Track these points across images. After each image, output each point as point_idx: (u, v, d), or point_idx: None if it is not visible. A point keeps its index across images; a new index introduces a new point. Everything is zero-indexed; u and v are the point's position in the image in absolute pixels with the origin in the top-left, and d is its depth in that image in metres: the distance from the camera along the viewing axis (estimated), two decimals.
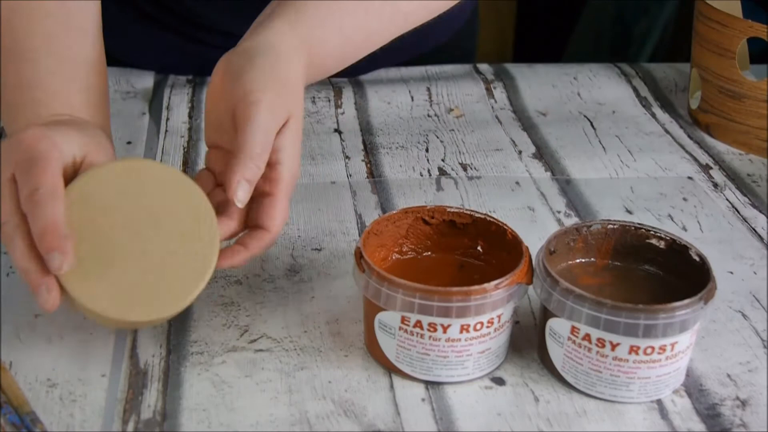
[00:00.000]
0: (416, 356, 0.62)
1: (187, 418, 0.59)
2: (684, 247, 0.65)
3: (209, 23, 1.02)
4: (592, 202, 0.85)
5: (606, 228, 0.67)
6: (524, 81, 1.09)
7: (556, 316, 0.61)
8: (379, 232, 0.66)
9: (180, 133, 0.95)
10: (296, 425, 0.59)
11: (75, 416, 0.59)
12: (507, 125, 0.99)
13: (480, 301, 0.60)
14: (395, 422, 0.59)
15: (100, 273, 0.59)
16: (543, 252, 0.63)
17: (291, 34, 0.69)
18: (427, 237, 0.68)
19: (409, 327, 0.61)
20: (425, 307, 0.60)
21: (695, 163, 0.93)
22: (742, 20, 0.94)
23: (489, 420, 0.60)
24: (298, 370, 0.63)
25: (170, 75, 1.06)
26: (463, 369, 0.62)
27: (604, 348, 0.60)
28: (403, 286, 0.60)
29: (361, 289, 0.62)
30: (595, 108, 1.04)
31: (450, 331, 0.60)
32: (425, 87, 1.05)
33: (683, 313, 0.59)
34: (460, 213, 0.68)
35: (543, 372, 0.64)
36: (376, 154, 0.92)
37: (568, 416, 0.60)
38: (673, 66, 1.15)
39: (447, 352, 0.61)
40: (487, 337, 0.62)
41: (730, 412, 0.61)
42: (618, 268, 0.67)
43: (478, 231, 0.67)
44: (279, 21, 0.69)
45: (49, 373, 0.62)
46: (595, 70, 1.12)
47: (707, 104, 0.98)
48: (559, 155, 0.93)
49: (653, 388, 0.61)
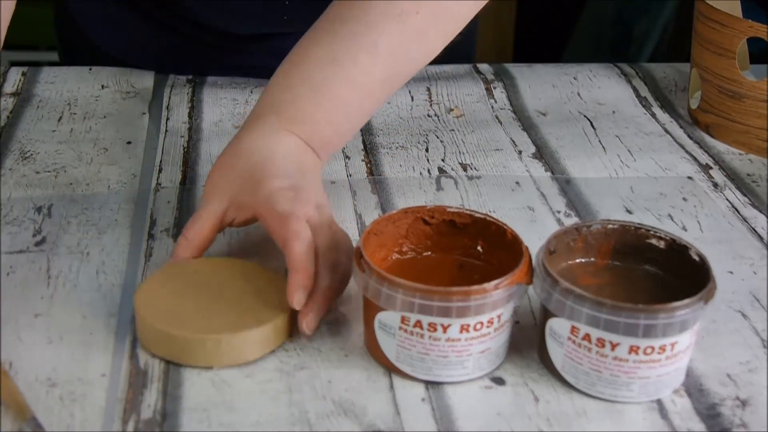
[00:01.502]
0: (416, 356, 0.62)
1: (187, 418, 0.59)
2: (684, 247, 0.65)
3: (209, 23, 1.02)
4: (592, 202, 0.85)
5: (606, 228, 0.67)
6: (524, 81, 1.09)
7: (556, 316, 0.61)
8: (379, 232, 0.66)
9: (180, 133, 0.95)
10: (296, 425, 0.59)
11: (75, 416, 0.59)
12: (507, 125, 0.99)
13: (480, 301, 0.60)
14: (395, 422, 0.59)
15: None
16: (543, 252, 0.63)
17: (298, 141, 0.73)
18: (427, 237, 0.68)
19: (409, 327, 0.61)
20: (425, 307, 0.60)
21: (695, 163, 0.93)
22: (742, 20, 0.94)
23: (489, 420, 0.60)
24: (298, 370, 0.63)
25: (170, 75, 1.06)
26: (463, 369, 0.62)
27: (604, 348, 0.60)
28: (403, 286, 0.60)
29: (360, 289, 0.62)
30: (595, 108, 1.04)
31: (450, 331, 0.60)
32: (425, 87, 1.05)
33: (683, 313, 0.59)
34: (460, 213, 0.68)
35: (543, 372, 0.64)
36: (376, 154, 0.92)
37: (568, 416, 0.60)
38: (673, 66, 1.15)
39: (447, 352, 0.61)
40: (487, 337, 0.62)
41: (730, 412, 0.61)
42: (618, 268, 0.67)
43: (478, 231, 0.67)
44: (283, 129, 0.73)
45: (49, 373, 0.62)
46: (595, 70, 1.13)
47: (707, 104, 0.98)
48: (559, 155, 0.93)
49: (653, 388, 0.61)
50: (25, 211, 0.79)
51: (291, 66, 0.75)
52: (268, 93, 0.76)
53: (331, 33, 0.75)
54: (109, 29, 0.75)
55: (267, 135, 0.73)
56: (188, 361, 0.63)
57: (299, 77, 0.74)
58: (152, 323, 0.63)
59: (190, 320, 0.63)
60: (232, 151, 0.73)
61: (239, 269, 0.69)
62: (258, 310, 0.64)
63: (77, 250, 0.75)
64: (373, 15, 0.74)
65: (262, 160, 0.71)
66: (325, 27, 0.76)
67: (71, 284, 0.71)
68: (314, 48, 0.75)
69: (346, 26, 0.74)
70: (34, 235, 0.76)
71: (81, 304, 0.69)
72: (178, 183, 0.85)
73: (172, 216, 0.80)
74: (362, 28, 0.74)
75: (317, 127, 0.74)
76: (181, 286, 0.66)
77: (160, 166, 0.88)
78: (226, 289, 0.66)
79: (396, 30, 0.74)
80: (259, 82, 1.05)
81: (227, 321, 0.63)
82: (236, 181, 0.71)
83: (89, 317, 0.67)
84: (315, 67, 0.74)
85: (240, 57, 1.05)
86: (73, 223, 0.78)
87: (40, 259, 0.73)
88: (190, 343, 0.62)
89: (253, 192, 0.69)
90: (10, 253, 0.74)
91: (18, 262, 0.73)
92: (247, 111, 0.99)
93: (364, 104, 0.76)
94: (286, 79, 0.75)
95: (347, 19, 0.75)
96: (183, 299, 0.65)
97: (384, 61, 0.75)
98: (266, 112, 0.74)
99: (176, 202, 0.82)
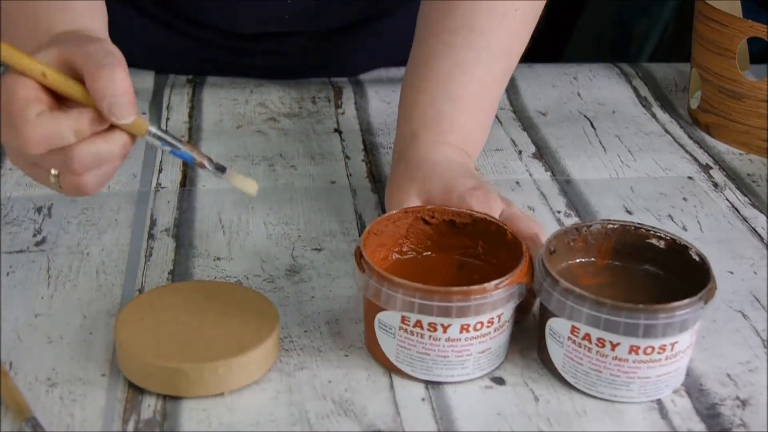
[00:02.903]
0: (416, 356, 0.62)
1: (187, 417, 0.59)
2: (684, 247, 0.65)
3: (209, 22, 1.02)
4: (592, 202, 0.85)
5: (606, 228, 0.67)
6: (524, 81, 1.09)
7: (556, 316, 0.61)
8: (379, 232, 0.66)
9: (180, 133, 0.95)
10: (296, 425, 0.59)
11: (75, 416, 0.59)
12: (507, 125, 0.99)
13: (480, 301, 0.60)
14: (395, 422, 0.59)
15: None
16: (543, 252, 0.63)
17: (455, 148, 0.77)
18: (427, 237, 0.68)
19: (409, 327, 0.61)
20: (425, 306, 0.59)
21: (695, 163, 0.93)
22: (742, 20, 0.94)
23: (489, 420, 0.60)
24: (298, 370, 0.63)
25: (170, 75, 1.06)
26: (463, 369, 0.62)
27: (604, 348, 0.60)
28: (403, 286, 0.60)
29: (361, 289, 0.62)
30: (595, 108, 1.04)
31: (450, 330, 0.60)
32: None
33: (683, 313, 0.59)
34: (460, 213, 0.68)
35: (543, 372, 0.64)
36: (377, 154, 0.92)
37: (568, 416, 0.60)
38: (673, 66, 1.15)
39: (447, 351, 0.61)
40: (487, 337, 0.62)
41: (730, 412, 0.61)
42: (618, 268, 0.67)
43: (478, 231, 0.67)
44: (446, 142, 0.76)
45: (49, 373, 0.62)
46: (595, 70, 1.13)
47: (707, 104, 0.98)
48: (559, 155, 0.93)
49: (653, 388, 0.61)
50: (25, 211, 0.79)
51: (422, 82, 0.79)
52: (412, 113, 0.79)
53: (448, 44, 0.79)
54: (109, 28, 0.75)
55: (430, 147, 0.76)
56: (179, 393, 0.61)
57: (436, 91, 0.78)
58: (141, 357, 0.60)
59: (177, 351, 0.61)
60: (404, 168, 0.75)
61: (217, 292, 0.66)
62: (241, 336, 0.62)
63: (77, 250, 0.75)
64: (482, 20, 0.79)
65: (435, 168, 0.73)
66: (436, 40, 0.80)
67: (71, 284, 0.71)
68: (436, 61, 0.79)
69: (459, 35, 0.79)
70: (34, 235, 0.76)
71: (81, 304, 0.69)
72: (178, 183, 0.85)
73: (172, 216, 0.80)
74: (475, 35, 0.79)
75: (466, 131, 0.78)
76: (158, 317, 0.64)
77: (160, 166, 0.88)
78: (203, 317, 0.64)
79: (503, 29, 0.80)
80: (259, 82, 1.05)
81: (207, 350, 0.61)
82: (421, 192, 0.72)
83: (89, 317, 0.67)
84: (446, 78, 0.78)
85: (241, 56, 1.05)
86: (73, 223, 0.78)
87: (40, 259, 0.73)
88: (180, 374, 0.60)
89: (442, 198, 0.70)
90: (10, 253, 0.74)
91: (18, 262, 0.73)
92: (247, 111, 0.99)
93: (494, 99, 0.81)
94: (423, 96, 0.78)
95: (457, 28, 0.79)
96: (163, 329, 0.62)
97: (499, 58, 0.80)
98: (419, 132, 0.77)
99: (176, 202, 0.82)
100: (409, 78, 0.81)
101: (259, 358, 0.61)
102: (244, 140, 0.93)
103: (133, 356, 0.60)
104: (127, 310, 0.64)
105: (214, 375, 0.59)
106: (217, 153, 0.91)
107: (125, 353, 0.61)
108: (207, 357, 0.60)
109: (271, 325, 0.63)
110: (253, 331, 0.62)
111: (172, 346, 0.61)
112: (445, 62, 0.78)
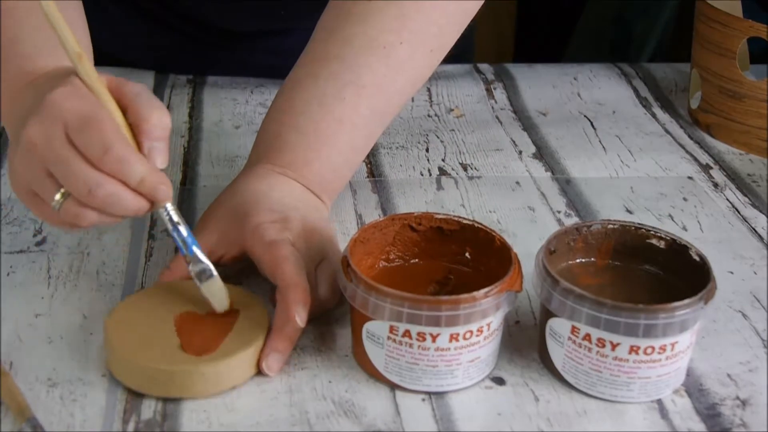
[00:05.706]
0: (405, 366, 0.61)
1: (187, 418, 0.59)
2: (684, 247, 0.65)
3: (209, 20, 1.02)
4: (592, 202, 0.85)
5: (606, 228, 0.67)
6: (524, 81, 1.09)
7: (556, 316, 0.61)
8: (365, 240, 0.66)
9: (180, 133, 0.95)
10: (296, 425, 0.59)
11: (75, 416, 0.59)
12: (507, 125, 0.99)
13: (469, 309, 0.59)
14: (395, 422, 0.59)
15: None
16: (543, 252, 0.63)
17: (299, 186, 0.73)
18: (414, 244, 0.68)
19: (398, 336, 0.60)
20: (414, 316, 0.59)
21: (695, 163, 0.93)
22: (742, 20, 0.94)
23: (489, 420, 0.60)
24: (298, 370, 0.63)
25: (170, 75, 1.06)
26: (452, 378, 0.61)
27: (605, 348, 0.60)
28: (392, 295, 0.59)
29: (348, 298, 0.62)
30: (595, 108, 1.04)
31: (439, 340, 0.60)
32: (425, 87, 1.05)
33: (683, 313, 0.59)
34: (447, 219, 0.67)
35: (543, 372, 0.64)
36: (377, 154, 0.92)
37: (568, 416, 0.60)
38: (673, 66, 1.15)
39: (436, 361, 0.60)
40: (477, 346, 0.61)
41: (730, 412, 0.61)
42: (618, 268, 0.67)
43: (466, 237, 0.67)
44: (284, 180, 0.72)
45: (49, 373, 0.62)
46: (595, 70, 1.13)
47: (707, 104, 0.98)
48: (559, 155, 0.93)
49: (653, 388, 0.61)
50: (26, 211, 0.79)
51: (277, 113, 0.75)
52: (259, 143, 0.76)
53: (313, 75, 0.74)
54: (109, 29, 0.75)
55: (261, 178, 0.72)
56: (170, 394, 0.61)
57: (287, 124, 0.74)
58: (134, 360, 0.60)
59: (166, 352, 0.61)
60: (225, 193, 0.73)
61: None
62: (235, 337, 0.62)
63: (77, 250, 0.75)
64: (355, 52, 0.73)
65: (254, 198, 0.70)
66: (306, 70, 0.75)
67: (71, 284, 0.71)
68: (298, 91, 0.74)
69: (329, 66, 0.74)
70: (35, 235, 0.76)
71: (81, 304, 0.69)
72: (178, 183, 0.85)
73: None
74: (344, 67, 0.73)
75: (312, 169, 0.73)
76: (150, 316, 0.64)
77: None
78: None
79: (381, 64, 0.74)
80: (259, 81, 1.05)
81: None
82: (225, 217, 0.70)
83: (89, 317, 0.67)
84: (301, 111, 0.73)
85: (240, 55, 1.05)
86: None
87: (40, 259, 0.73)
88: (171, 375, 0.60)
89: (240, 226, 0.68)
90: (10, 253, 0.74)
91: (18, 262, 0.73)
92: (247, 111, 0.99)
93: (355, 140, 0.75)
94: (274, 126, 0.75)
95: (329, 58, 0.74)
96: (155, 330, 0.63)
97: (370, 95, 0.74)
98: (261, 161, 0.74)
99: (176, 202, 0.82)
100: (271, 106, 0.76)
101: (253, 360, 0.62)
102: (244, 140, 0.93)
103: (127, 361, 0.60)
104: (116, 312, 0.64)
105: (210, 375, 0.60)
106: (217, 153, 0.91)
107: (117, 358, 0.61)
108: (202, 359, 0.60)
109: (264, 326, 0.63)
110: (246, 332, 0.62)
111: (164, 348, 0.61)
112: (304, 93, 0.74)
